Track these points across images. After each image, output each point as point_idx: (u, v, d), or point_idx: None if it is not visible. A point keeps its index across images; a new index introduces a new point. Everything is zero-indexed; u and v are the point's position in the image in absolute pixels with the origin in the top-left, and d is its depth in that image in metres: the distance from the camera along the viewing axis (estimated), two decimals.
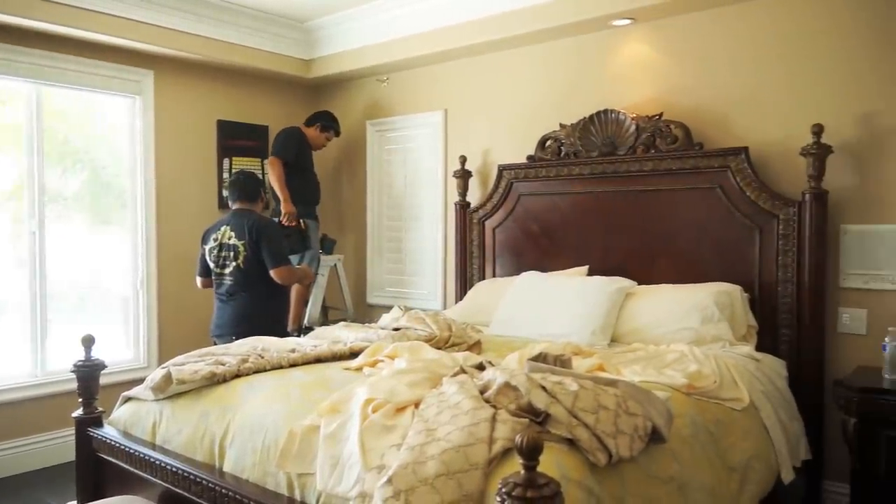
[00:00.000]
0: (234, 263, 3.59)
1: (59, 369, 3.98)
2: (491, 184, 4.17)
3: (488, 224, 4.18)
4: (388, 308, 3.62)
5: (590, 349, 2.77)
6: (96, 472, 2.59)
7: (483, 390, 1.88)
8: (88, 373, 2.69)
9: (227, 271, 3.62)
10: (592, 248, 3.72)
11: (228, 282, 3.62)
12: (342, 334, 3.03)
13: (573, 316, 3.19)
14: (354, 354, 2.69)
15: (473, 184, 4.32)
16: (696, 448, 2.08)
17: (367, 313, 4.92)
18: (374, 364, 2.51)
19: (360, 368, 2.49)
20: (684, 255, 3.41)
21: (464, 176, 4.25)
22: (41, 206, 4.01)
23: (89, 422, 2.64)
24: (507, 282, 3.81)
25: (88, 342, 2.71)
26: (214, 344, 3.52)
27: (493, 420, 1.71)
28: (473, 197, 4.31)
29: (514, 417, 1.74)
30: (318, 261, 4.57)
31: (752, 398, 2.46)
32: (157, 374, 2.47)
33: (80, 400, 2.69)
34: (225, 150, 4.80)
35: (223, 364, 2.48)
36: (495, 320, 3.50)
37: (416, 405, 1.89)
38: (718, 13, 3.40)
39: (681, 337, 2.95)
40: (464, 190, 4.27)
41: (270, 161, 4.43)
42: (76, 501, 2.67)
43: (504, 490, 1.28)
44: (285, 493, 1.94)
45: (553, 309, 3.31)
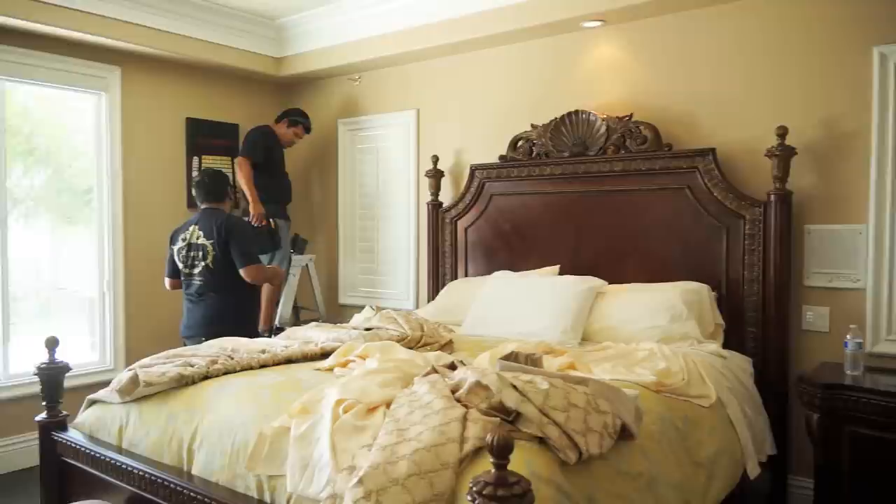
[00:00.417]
0: (203, 263, 3.55)
1: (23, 372, 3.88)
2: (463, 184, 4.18)
3: (460, 224, 4.19)
4: (361, 308, 3.60)
5: (561, 348, 2.80)
6: (61, 477, 2.54)
7: (454, 390, 1.88)
8: (52, 375, 2.63)
9: (196, 272, 3.58)
10: (563, 247, 3.76)
11: (198, 282, 3.58)
12: (313, 335, 3.00)
13: (545, 315, 3.21)
14: (325, 355, 2.67)
15: (446, 183, 4.33)
16: (665, 444, 2.11)
17: (339, 313, 4.89)
18: (345, 364, 2.49)
19: (331, 369, 2.48)
20: (654, 255, 3.46)
21: (436, 175, 4.25)
22: (3, 206, 3.91)
23: (53, 426, 2.58)
24: (479, 281, 3.82)
25: (52, 344, 2.65)
26: (184, 345, 3.48)
27: (465, 419, 1.72)
28: (446, 197, 4.31)
29: (486, 416, 1.75)
30: (288, 260, 4.53)
31: (718, 395, 2.50)
32: (124, 376, 2.43)
33: (44, 403, 2.63)
34: (194, 149, 4.74)
35: (192, 366, 2.44)
36: (467, 320, 3.51)
37: (388, 405, 1.89)
38: (687, 16, 3.45)
39: (650, 335, 2.99)
40: (436, 190, 4.27)
41: (239, 161, 4.39)
42: None
43: (475, 489, 1.29)
44: (255, 495, 1.92)
45: (525, 308, 3.33)
